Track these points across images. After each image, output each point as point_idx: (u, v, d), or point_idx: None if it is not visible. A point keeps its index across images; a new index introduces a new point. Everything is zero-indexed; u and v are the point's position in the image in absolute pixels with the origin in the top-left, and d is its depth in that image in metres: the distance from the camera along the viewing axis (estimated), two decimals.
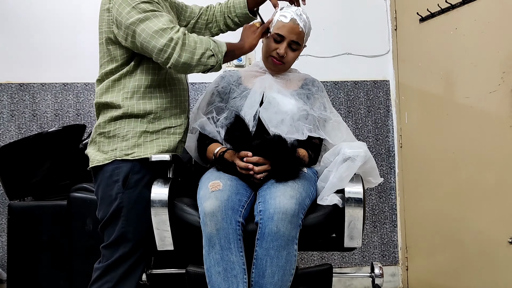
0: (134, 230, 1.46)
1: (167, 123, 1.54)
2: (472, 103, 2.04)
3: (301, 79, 1.72)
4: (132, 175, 1.46)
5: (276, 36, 1.60)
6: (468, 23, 2.06)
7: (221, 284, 1.27)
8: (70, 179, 2.08)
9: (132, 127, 1.48)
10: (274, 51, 1.60)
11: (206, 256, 1.30)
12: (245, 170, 1.43)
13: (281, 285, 1.29)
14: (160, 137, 1.52)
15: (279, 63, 1.63)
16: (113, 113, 1.49)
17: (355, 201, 1.37)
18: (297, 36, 1.59)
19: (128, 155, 1.46)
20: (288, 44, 1.60)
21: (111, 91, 1.50)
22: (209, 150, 1.58)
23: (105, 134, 1.49)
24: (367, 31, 2.60)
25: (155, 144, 1.50)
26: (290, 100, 1.60)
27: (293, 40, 1.59)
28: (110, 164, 1.46)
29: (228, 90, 1.67)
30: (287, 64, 1.65)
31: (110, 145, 1.48)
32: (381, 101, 2.60)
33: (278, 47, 1.60)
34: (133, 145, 1.47)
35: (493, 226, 1.95)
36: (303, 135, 1.56)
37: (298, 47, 1.62)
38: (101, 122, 1.50)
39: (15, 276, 1.89)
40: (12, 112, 2.38)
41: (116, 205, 1.44)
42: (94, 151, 1.52)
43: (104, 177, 1.47)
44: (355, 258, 2.54)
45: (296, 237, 1.31)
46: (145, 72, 1.50)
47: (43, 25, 2.41)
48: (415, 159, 2.42)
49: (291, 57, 1.63)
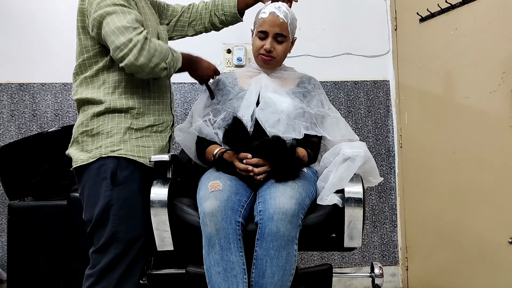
0: (125, 229, 1.40)
1: (151, 120, 1.51)
2: (472, 103, 2.04)
3: (297, 77, 1.72)
4: (120, 171, 1.42)
5: (260, 33, 1.61)
6: (468, 23, 2.06)
7: (221, 284, 1.27)
8: (70, 179, 2.07)
9: (116, 122, 1.45)
10: (261, 49, 1.61)
11: (206, 256, 1.30)
12: (245, 172, 1.43)
13: (281, 285, 1.29)
14: (144, 135, 1.49)
15: (269, 59, 1.62)
16: (94, 109, 1.45)
17: (355, 201, 1.37)
18: (279, 28, 1.59)
19: (114, 152, 1.42)
20: (273, 38, 1.60)
21: (91, 87, 1.46)
22: (208, 152, 1.58)
23: (88, 133, 1.45)
24: (367, 31, 2.60)
25: (135, 142, 1.46)
26: (286, 99, 1.60)
27: (277, 33, 1.59)
28: (95, 162, 1.42)
29: (224, 92, 1.66)
30: (278, 58, 1.64)
31: (94, 143, 1.44)
32: (381, 101, 2.60)
33: (264, 43, 1.60)
34: (118, 141, 1.44)
35: (493, 226, 1.95)
36: (299, 133, 1.55)
37: (284, 39, 1.62)
38: (83, 120, 1.46)
39: (15, 276, 1.89)
40: (12, 112, 2.38)
41: (104, 204, 1.39)
42: (77, 151, 1.47)
43: (90, 176, 1.42)
44: (355, 258, 2.54)
45: (296, 237, 1.31)
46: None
47: (43, 25, 2.41)
48: (415, 159, 2.42)
49: (280, 50, 1.62)
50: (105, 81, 1.46)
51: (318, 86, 1.71)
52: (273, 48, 1.60)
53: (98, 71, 1.46)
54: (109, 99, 1.44)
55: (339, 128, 1.63)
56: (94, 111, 1.45)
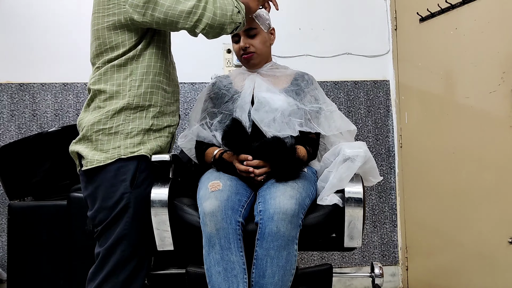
0: (136, 231, 1.39)
1: (168, 121, 1.50)
2: (472, 103, 2.04)
3: (291, 75, 1.72)
4: (139, 173, 1.39)
5: (233, 39, 1.67)
6: (468, 23, 2.06)
7: (222, 284, 1.27)
8: (70, 179, 2.07)
9: (137, 124, 1.41)
10: (239, 50, 1.65)
11: (206, 256, 1.30)
12: (246, 173, 1.44)
13: (282, 285, 1.29)
14: (162, 135, 1.48)
15: (249, 55, 1.65)
16: (114, 105, 1.39)
17: (355, 201, 1.37)
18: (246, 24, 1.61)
19: (134, 153, 1.39)
20: (244, 36, 1.63)
21: (117, 77, 1.40)
22: (207, 154, 1.59)
23: (106, 131, 1.39)
24: (367, 31, 2.60)
25: (154, 143, 1.45)
26: (280, 97, 1.60)
27: (245, 30, 1.61)
28: (113, 164, 1.37)
29: (220, 95, 1.67)
30: (258, 51, 1.65)
31: (111, 142, 1.39)
32: (381, 101, 2.60)
33: (239, 45, 1.65)
34: (138, 142, 1.41)
35: (493, 226, 1.95)
36: (294, 131, 1.56)
37: (255, 32, 1.63)
38: (101, 118, 1.39)
39: (15, 276, 1.89)
40: (12, 112, 2.38)
41: (122, 206, 1.36)
42: (90, 150, 1.40)
43: (107, 177, 1.38)
44: (355, 258, 2.54)
45: (296, 237, 1.31)
46: (153, 57, 1.43)
47: (43, 25, 2.41)
48: (415, 159, 2.42)
49: (256, 43, 1.64)
50: (132, 72, 1.40)
51: (311, 81, 1.70)
52: (248, 44, 1.62)
53: (127, 61, 1.40)
54: (133, 94, 1.40)
55: (333, 121, 1.63)
56: (115, 108, 1.39)
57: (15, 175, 2.04)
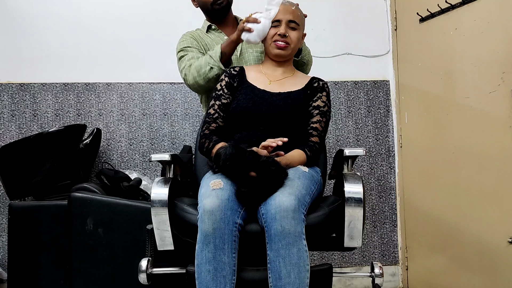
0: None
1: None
2: (472, 103, 2.04)
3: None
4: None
5: (274, 23, 1.63)
6: (468, 23, 2.06)
7: (209, 283, 1.27)
8: (70, 179, 2.08)
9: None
10: (276, 35, 1.62)
11: (198, 253, 1.30)
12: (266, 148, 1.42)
13: (299, 283, 1.27)
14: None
15: (284, 45, 1.62)
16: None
17: (355, 201, 1.37)
18: (292, 15, 1.61)
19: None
20: (286, 25, 1.62)
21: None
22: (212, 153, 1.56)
23: None
24: (367, 31, 2.60)
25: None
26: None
27: (290, 20, 1.61)
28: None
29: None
30: (293, 45, 1.64)
31: None
32: (381, 101, 2.60)
33: (278, 30, 1.62)
34: None
35: (493, 226, 1.95)
36: None
37: (297, 27, 1.63)
38: None
39: (15, 276, 1.89)
40: (13, 112, 2.39)
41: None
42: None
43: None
44: (355, 258, 2.54)
45: (303, 232, 1.29)
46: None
47: (43, 25, 2.41)
48: (415, 159, 2.42)
49: (294, 36, 1.63)
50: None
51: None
52: (287, 33, 1.61)
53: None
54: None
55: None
56: None
57: (15, 175, 2.04)
